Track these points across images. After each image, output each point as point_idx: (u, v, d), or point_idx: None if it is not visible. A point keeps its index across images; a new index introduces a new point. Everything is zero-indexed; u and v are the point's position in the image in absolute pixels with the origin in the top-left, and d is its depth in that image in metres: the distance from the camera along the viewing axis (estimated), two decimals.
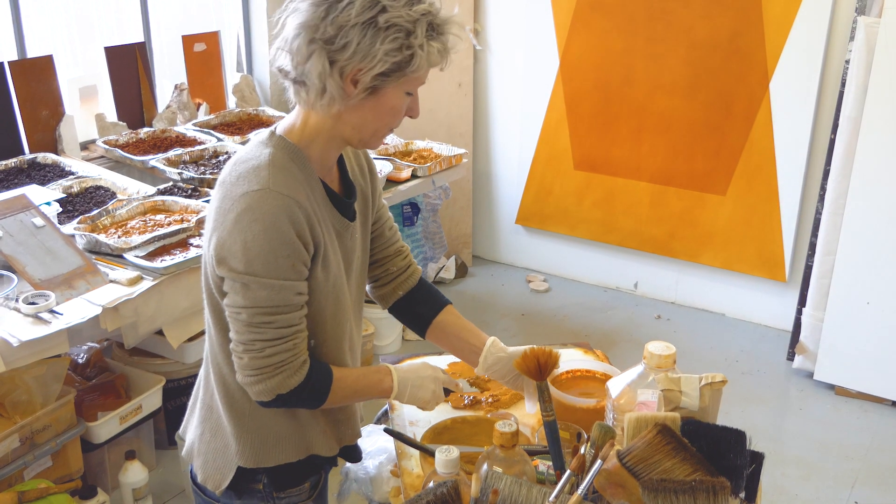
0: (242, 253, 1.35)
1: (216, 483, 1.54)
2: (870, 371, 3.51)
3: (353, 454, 1.69)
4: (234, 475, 1.52)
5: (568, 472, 1.31)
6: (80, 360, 2.87)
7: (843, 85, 3.46)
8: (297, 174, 1.42)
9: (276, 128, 1.47)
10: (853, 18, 3.45)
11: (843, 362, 3.56)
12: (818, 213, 3.62)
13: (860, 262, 3.43)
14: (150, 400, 2.76)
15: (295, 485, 1.57)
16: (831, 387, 3.64)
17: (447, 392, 1.68)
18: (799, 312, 3.74)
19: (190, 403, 1.68)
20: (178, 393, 3.01)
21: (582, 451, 1.35)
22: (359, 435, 1.67)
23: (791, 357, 3.83)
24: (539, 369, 1.50)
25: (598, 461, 1.29)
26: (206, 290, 1.49)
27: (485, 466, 1.36)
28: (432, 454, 1.50)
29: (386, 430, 1.72)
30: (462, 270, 4.70)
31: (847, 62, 3.44)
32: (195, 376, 2.95)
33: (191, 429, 1.63)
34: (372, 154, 3.64)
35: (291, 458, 1.54)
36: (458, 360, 1.87)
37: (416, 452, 1.67)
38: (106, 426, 2.63)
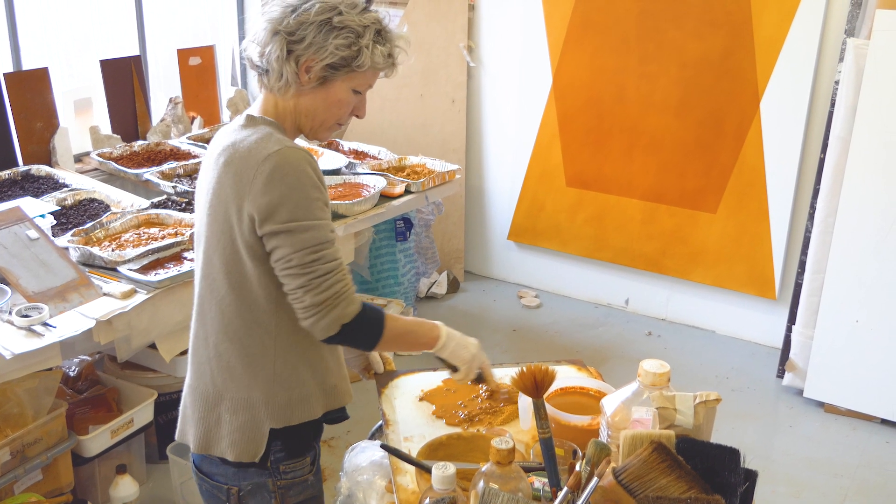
0: (282, 205, 1.50)
1: (253, 453, 1.64)
2: (859, 389, 3.53)
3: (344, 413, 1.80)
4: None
5: (565, 489, 1.32)
6: (71, 374, 2.86)
7: (833, 105, 3.50)
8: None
9: (248, 113, 1.63)
10: (843, 40, 3.50)
11: (832, 380, 3.59)
12: (808, 231, 3.65)
13: (849, 280, 3.46)
14: (142, 414, 2.75)
15: (298, 456, 1.68)
16: (821, 404, 3.66)
17: (479, 380, 1.81)
18: (789, 330, 3.77)
19: (182, 409, 1.75)
20: (169, 407, 3.00)
21: (578, 468, 1.36)
22: (351, 395, 1.77)
23: (781, 374, 3.85)
24: (535, 386, 1.51)
25: (595, 478, 1.30)
26: (223, 263, 1.59)
27: (481, 483, 1.37)
28: (428, 470, 1.50)
29: (382, 446, 1.73)
30: (454, 286, 4.71)
31: (836, 83, 3.48)
32: None
33: (192, 426, 1.70)
34: (366, 169, 3.66)
35: (317, 412, 1.67)
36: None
37: (411, 468, 1.67)
38: (97, 440, 2.61)
